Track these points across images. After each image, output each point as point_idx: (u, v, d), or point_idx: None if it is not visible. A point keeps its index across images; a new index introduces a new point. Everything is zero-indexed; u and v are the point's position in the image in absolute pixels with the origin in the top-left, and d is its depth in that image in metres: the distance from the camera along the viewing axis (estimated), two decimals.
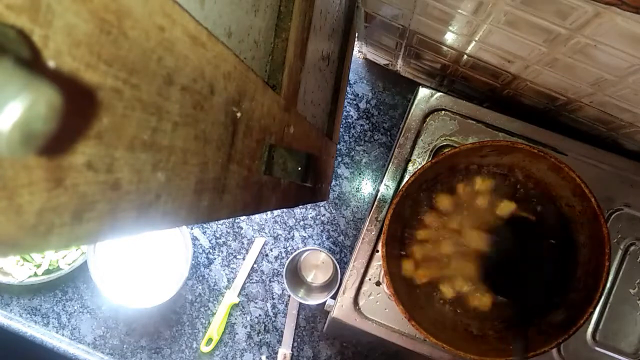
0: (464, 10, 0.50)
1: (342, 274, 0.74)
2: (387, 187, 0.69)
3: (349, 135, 0.93)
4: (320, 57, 0.61)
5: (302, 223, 0.93)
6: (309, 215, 0.92)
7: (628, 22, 0.38)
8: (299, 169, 0.45)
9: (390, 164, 0.70)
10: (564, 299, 0.62)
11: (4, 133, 0.13)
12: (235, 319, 0.92)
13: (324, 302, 0.78)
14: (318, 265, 0.88)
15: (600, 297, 0.57)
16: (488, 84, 0.69)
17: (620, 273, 0.67)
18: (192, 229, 0.93)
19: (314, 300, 0.83)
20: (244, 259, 0.93)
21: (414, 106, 0.70)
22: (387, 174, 0.70)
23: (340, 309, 0.67)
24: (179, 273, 0.86)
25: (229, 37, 0.33)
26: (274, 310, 0.92)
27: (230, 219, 0.94)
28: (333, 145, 0.81)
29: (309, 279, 0.88)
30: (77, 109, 0.17)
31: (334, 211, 0.92)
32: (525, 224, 0.65)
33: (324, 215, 0.92)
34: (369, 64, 0.92)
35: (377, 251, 0.67)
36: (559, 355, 0.65)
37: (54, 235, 0.18)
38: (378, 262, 0.67)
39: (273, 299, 0.92)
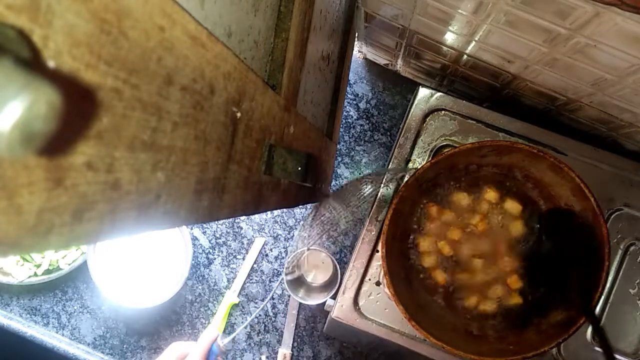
0: (464, 10, 0.50)
1: (342, 274, 0.74)
2: (387, 187, 0.69)
3: (349, 135, 0.93)
4: (320, 57, 0.61)
5: (302, 223, 0.93)
6: None
7: (628, 22, 0.38)
8: (299, 169, 0.45)
9: (390, 164, 0.70)
10: (564, 299, 0.62)
11: (4, 133, 0.13)
12: (235, 319, 0.92)
13: (324, 302, 0.78)
14: (318, 265, 0.88)
15: (599, 297, 0.57)
16: (488, 84, 0.69)
17: (620, 273, 0.67)
18: (192, 229, 0.93)
19: (314, 300, 0.83)
20: (244, 259, 0.92)
21: (414, 106, 0.70)
22: (387, 173, 0.70)
23: (340, 309, 0.67)
24: (179, 273, 0.86)
25: (229, 37, 0.33)
26: (274, 310, 0.92)
27: (230, 219, 0.94)
28: (333, 145, 0.81)
29: (309, 279, 0.88)
30: (77, 109, 0.17)
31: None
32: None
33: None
34: (369, 64, 0.92)
35: (377, 251, 0.67)
36: (559, 355, 0.65)
37: (54, 235, 0.18)
38: (378, 262, 0.67)
39: (273, 299, 0.92)
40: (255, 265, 0.92)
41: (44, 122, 0.14)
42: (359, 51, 0.90)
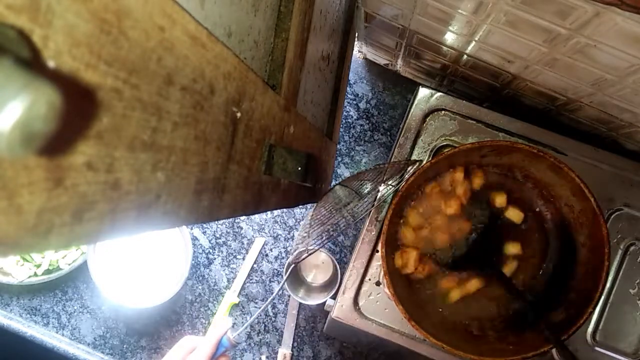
0: (464, 10, 0.50)
1: (342, 274, 0.74)
2: (387, 188, 0.69)
3: (349, 135, 0.93)
4: (320, 57, 0.61)
5: (302, 223, 0.93)
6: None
7: (628, 22, 0.38)
8: (299, 169, 0.45)
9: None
10: (564, 299, 0.62)
11: (4, 133, 0.13)
12: (235, 319, 0.92)
13: (324, 302, 0.78)
14: (318, 265, 0.88)
15: (599, 297, 0.57)
16: (488, 84, 0.69)
17: (620, 273, 0.67)
18: (192, 229, 0.93)
19: (314, 300, 0.83)
20: (244, 259, 0.93)
21: (414, 106, 0.70)
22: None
23: (340, 309, 0.67)
24: (179, 273, 0.86)
25: (229, 37, 0.33)
26: (274, 310, 0.92)
27: (230, 219, 0.94)
28: (333, 145, 0.81)
29: (309, 279, 0.88)
30: (77, 109, 0.17)
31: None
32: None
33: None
34: (369, 64, 0.92)
35: (377, 251, 0.67)
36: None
37: (54, 235, 0.18)
38: (378, 262, 0.67)
39: (273, 299, 0.92)
40: (255, 265, 0.92)
41: (44, 122, 0.14)
42: (359, 51, 0.90)
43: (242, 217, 0.94)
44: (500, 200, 0.65)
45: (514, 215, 0.65)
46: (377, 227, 0.68)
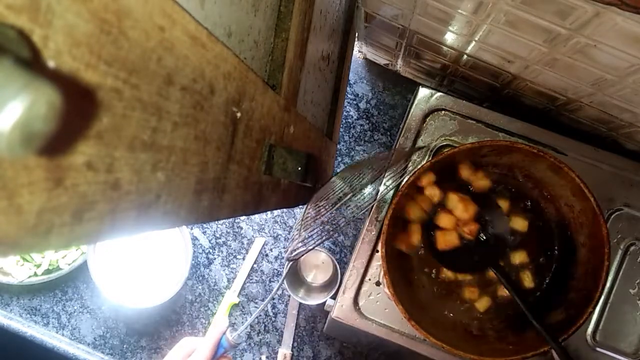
0: (464, 10, 0.50)
1: (342, 274, 0.74)
2: (387, 187, 0.69)
3: (349, 135, 0.93)
4: (320, 57, 0.61)
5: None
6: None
7: (628, 22, 0.38)
8: (299, 169, 0.45)
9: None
10: (564, 299, 0.62)
11: (4, 133, 0.13)
12: (235, 319, 0.92)
13: (324, 302, 0.78)
14: (318, 265, 0.88)
15: (599, 297, 0.57)
16: (488, 83, 0.69)
17: (620, 273, 0.67)
18: (192, 229, 0.93)
19: (314, 300, 0.83)
20: (244, 259, 0.93)
21: (414, 106, 0.70)
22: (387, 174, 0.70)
23: (340, 309, 0.67)
24: (179, 273, 0.86)
25: (229, 37, 0.33)
26: (274, 310, 0.92)
27: (230, 219, 0.94)
28: (333, 145, 0.81)
29: (309, 279, 0.88)
30: (77, 109, 0.17)
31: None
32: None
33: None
34: (369, 64, 0.92)
35: (377, 251, 0.67)
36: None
37: (54, 235, 0.18)
38: (378, 262, 0.67)
39: (273, 299, 0.92)
40: (255, 265, 0.92)
41: (44, 122, 0.14)
42: (359, 51, 0.90)
43: (242, 217, 0.94)
44: (503, 205, 0.65)
45: (519, 224, 0.65)
46: (377, 227, 0.68)
